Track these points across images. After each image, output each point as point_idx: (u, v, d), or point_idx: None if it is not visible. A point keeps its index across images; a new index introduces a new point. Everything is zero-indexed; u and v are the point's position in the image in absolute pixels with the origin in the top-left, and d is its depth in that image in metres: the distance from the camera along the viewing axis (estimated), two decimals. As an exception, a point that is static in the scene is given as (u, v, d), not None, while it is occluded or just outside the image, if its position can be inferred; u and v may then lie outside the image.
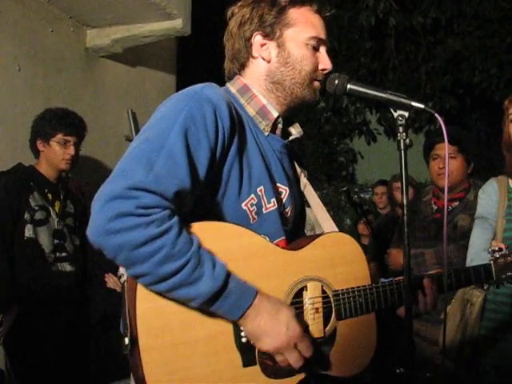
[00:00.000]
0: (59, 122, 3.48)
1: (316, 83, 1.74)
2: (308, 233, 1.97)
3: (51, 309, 3.32)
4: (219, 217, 1.59)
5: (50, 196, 3.50)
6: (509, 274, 1.99)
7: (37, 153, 3.56)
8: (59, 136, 3.48)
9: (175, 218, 1.42)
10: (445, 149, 3.20)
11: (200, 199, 1.55)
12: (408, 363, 1.62)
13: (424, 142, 3.58)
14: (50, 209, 3.46)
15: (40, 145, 3.52)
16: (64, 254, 3.46)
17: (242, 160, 1.61)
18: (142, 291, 1.45)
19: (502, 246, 2.54)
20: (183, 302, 1.47)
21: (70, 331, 3.42)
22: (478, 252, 2.60)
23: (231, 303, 1.46)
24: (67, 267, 3.45)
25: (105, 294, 3.72)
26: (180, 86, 5.85)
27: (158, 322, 1.46)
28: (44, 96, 4.29)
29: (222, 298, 1.45)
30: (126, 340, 1.47)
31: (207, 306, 1.46)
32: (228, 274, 1.47)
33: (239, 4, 1.79)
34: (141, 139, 1.50)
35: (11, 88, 4.04)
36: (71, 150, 3.51)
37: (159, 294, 1.45)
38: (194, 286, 1.42)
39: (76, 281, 3.50)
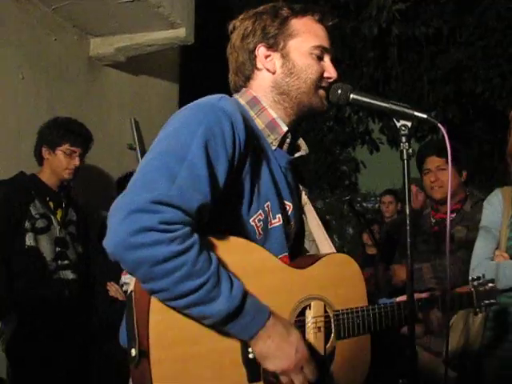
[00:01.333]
0: (67, 131, 3.49)
1: (321, 91, 1.74)
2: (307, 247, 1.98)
3: (51, 317, 3.30)
4: (228, 231, 1.57)
5: (51, 204, 3.50)
6: (485, 301, 2.01)
7: (41, 160, 3.56)
8: (66, 146, 3.50)
9: (196, 236, 1.41)
10: (434, 162, 3.27)
11: (213, 213, 1.51)
12: (411, 374, 1.61)
13: (416, 155, 3.58)
14: (52, 217, 3.46)
15: (45, 152, 3.53)
16: (66, 262, 3.45)
17: (253, 174, 1.60)
18: (155, 303, 1.43)
19: (506, 255, 2.54)
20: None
21: (70, 340, 3.40)
22: (480, 260, 2.61)
23: (244, 324, 1.45)
24: (69, 275, 3.44)
25: (107, 303, 3.71)
26: (183, 95, 5.87)
27: (170, 335, 1.45)
28: (47, 104, 4.30)
29: (237, 319, 1.44)
30: (133, 352, 1.46)
31: (220, 325, 1.45)
32: (244, 295, 1.45)
33: (241, 17, 1.79)
34: (159, 150, 1.47)
35: (14, 96, 4.05)
36: (76, 161, 3.53)
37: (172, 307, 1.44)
38: (210, 305, 1.40)
39: (78, 289, 3.49)
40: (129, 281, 3.22)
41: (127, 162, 4.97)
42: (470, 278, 2.05)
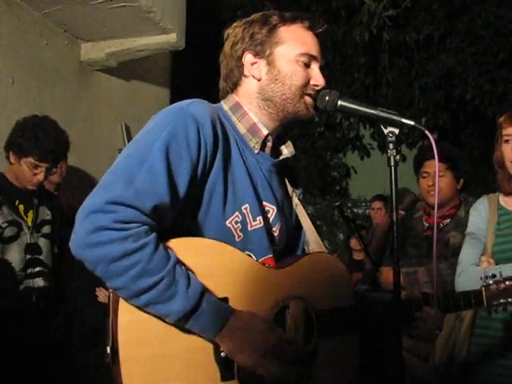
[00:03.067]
0: (34, 145, 3.19)
1: (307, 98, 1.74)
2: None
3: (16, 328, 3.16)
4: (202, 234, 1.60)
5: (21, 207, 3.30)
6: (502, 300, 1.93)
7: (8, 160, 3.33)
8: (30, 159, 3.20)
9: (153, 234, 1.45)
10: (433, 166, 3.26)
11: (182, 216, 1.56)
12: (398, 381, 1.61)
13: (414, 157, 3.59)
14: (22, 222, 3.27)
15: (12, 157, 3.29)
16: (38, 269, 3.29)
17: (226, 178, 1.61)
18: (123, 304, 1.47)
19: (492, 261, 2.55)
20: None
21: (32, 347, 3.22)
22: (466, 266, 2.61)
23: (204, 323, 1.48)
24: (39, 282, 3.28)
25: (94, 308, 3.69)
26: (174, 100, 5.84)
27: (139, 334, 1.48)
28: (38, 109, 4.28)
29: (195, 318, 1.46)
30: (108, 349, 1.49)
31: (182, 323, 1.48)
32: (202, 294, 1.48)
33: (233, 25, 1.81)
34: (124, 154, 1.53)
35: (5, 101, 4.04)
36: (40, 177, 3.26)
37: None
38: (167, 303, 1.44)
39: (48, 295, 3.33)
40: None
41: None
42: (483, 275, 1.97)
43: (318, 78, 1.75)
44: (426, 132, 1.59)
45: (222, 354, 1.52)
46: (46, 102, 4.43)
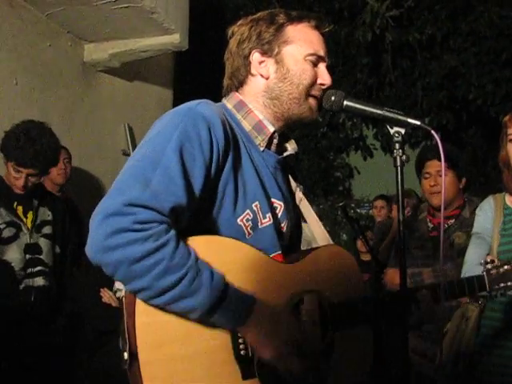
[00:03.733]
0: (15, 150, 3.22)
1: (311, 100, 1.74)
2: (304, 248, 1.97)
3: (16, 328, 3.18)
4: (215, 232, 1.60)
5: (20, 209, 3.33)
6: (502, 284, 1.97)
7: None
8: (12, 163, 3.25)
9: (172, 232, 1.44)
10: (435, 166, 3.25)
11: (196, 215, 1.56)
12: (404, 380, 1.61)
13: (415, 159, 3.57)
14: (21, 223, 3.29)
15: (3, 160, 3.33)
16: (38, 268, 3.30)
17: (236, 176, 1.62)
18: (140, 306, 1.46)
19: (495, 258, 2.55)
20: (182, 316, 1.47)
21: (39, 348, 3.25)
22: (471, 266, 2.61)
23: (231, 312, 1.48)
24: (40, 281, 3.29)
25: (100, 310, 3.69)
26: (177, 101, 5.87)
27: (157, 336, 1.47)
28: (41, 110, 4.29)
29: (222, 308, 1.46)
30: (125, 355, 1.47)
31: (207, 317, 1.47)
32: (226, 285, 1.48)
33: (239, 23, 1.80)
34: (137, 156, 1.52)
35: (8, 102, 4.05)
36: (20, 182, 3.26)
37: (157, 308, 1.46)
38: (193, 297, 1.43)
39: (48, 294, 3.35)
40: (122, 287, 3.20)
41: (121, 167, 4.94)
42: (482, 260, 2.02)
43: (325, 77, 1.75)
44: (432, 132, 1.60)
45: (242, 352, 1.52)
46: (50, 103, 4.43)
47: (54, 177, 4.11)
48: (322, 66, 1.76)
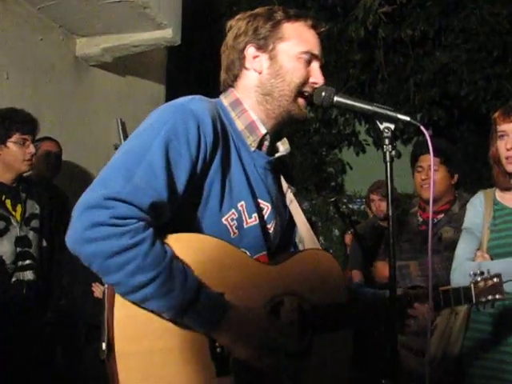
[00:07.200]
0: (13, 121, 3.28)
1: (301, 100, 1.76)
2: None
3: (6, 320, 3.17)
4: (199, 230, 1.60)
5: (9, 202, 3.32)
6: (489, 297, 1.97)
7: None
8: (16, 136, 3.30)
9: (150, 230, 1.45)
10: (427, 160, 3.28)
11: (180, 212, 1.56)
12: (393, 375, 1.62)
13: (411, 153, 3.60)
14: (10, 217, 3.29)
15: None
16: (28, 262, 3.31)
17: (223, 175, 1.62)
18: (119, 299, 1.47)
19: (487, 256, 2.57)
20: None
21: (25, 340, 3.25)
22: (461, 261, 2.63)
23: (202, 317, 1.49)
24: (29, 275, 3.30)
25: (91, 304, 3.69)
26: (169, 96, 5.87)
27: (134, 329, 1.48)
28: (33, 105, 4.28)
29: (192, 313, 1.47)
30: (104, 345, 1.49)
31: (178, 319, 1.48)
32: (199, 289, 1.48)
33: (237, 17, 1.82)
34: (123, 150, 1.53)
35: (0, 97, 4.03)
36: (31, 149, 3.33)
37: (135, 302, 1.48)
38: (164, 298, 1.44)
39: (37, 288, 3.36)
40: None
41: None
42: (472, 272, 2.01)
43: (317, 76, 1.77)
44: (421, 127, 1.61)
45: (218, 349, 1.53)
46: (41, 98, 4.42)
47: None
48: (315, 65, 1.78)
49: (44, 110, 4.28)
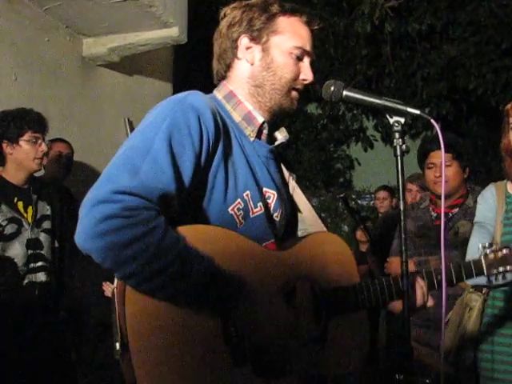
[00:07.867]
0: (24, 120, 3.32)
1: (294, 93, 1.77)
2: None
3: (19, 322, 3.19)
4: (206, 221, 1.61)
5: (20, 204, 3.33)
6: (501, 269, 1.95)
7: (2, 159, 3.35)
8: (28, 134, 3.31)
9: (161, 218, 1.45)
10: (439, 157, 3.25)
11: (186, 204, 1.57)
12: (407, 369, 1.61)
13: (418, 149, 3.57)
14: (22, 219, 3.29)
15: (7, 148, 3.32)
16: (40, 264, 3.31)
17: (227, 166, 1.63)
18: (130, 294, 1.46)
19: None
20: (171, 305, 1.47)
21: (36, 341, 3.25)
22: (474, 256, 2.60)
23: (222, 294, 1.49)
24: (41, 277, 3.30)
25: (101, 303, 3.70)
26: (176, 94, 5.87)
27: (148, 324, 1.47)
28: (41, 105, 4.28)
29: (212, 292, 1.47)
30: (117, 345, 1.49)
31: (198, 299, 1.48)
32: (216, 270, 1.49)
33: (232, 6, 1.82)
34: (127, 146, 1.53)
35: (8, 97, 4.04)
36: (43, 147, 3.35)
37: (147, 296, 1.46)
38: (183, 280, 1.44)
39: (49, 289, 3.36)
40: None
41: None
42: (480, 245, 2.00)
43: (307, 73, 1.78)
44: (432, 121, 1.60)
45: (233, 339, 1.52)
46: (49, 98, 4.43)
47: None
48: (306, 61, 1.79)
49: (52, 110, 4.29)
